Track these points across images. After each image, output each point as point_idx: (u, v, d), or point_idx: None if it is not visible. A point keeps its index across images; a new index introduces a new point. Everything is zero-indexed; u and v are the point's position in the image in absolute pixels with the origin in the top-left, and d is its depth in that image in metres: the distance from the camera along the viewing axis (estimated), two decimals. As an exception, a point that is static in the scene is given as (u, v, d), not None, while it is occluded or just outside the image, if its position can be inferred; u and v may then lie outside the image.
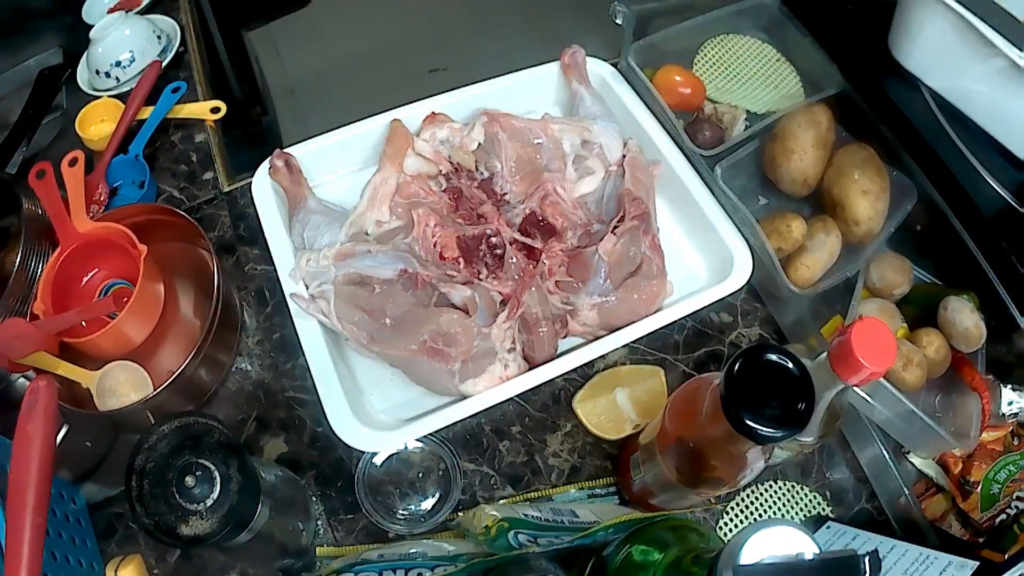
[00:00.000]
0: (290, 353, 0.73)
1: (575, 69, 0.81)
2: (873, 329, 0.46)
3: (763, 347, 0.44)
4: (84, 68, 0.91)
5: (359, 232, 0.71)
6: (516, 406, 0.71)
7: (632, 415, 0.69)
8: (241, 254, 0.79)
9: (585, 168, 0.75)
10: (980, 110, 0.74)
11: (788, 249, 0.72)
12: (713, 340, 0.76)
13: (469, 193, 0.74)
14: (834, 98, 0.78)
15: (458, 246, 0.69)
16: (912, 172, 0.74)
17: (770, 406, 0.43)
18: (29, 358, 0.64)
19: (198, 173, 0.85)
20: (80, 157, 0.74)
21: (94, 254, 0.72)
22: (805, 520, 0.68)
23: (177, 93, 0.87)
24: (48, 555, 0.54)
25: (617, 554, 0.51)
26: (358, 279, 0.67)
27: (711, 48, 0.91)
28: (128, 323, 0.66)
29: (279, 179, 0.73)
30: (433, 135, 0.75)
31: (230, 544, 0.50)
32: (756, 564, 0.35)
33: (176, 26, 0.94)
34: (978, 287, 0.70)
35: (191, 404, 0.69)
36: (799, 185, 0.76)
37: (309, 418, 0.70)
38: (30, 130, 0.86)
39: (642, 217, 0.71)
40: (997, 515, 0.67)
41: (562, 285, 0.69)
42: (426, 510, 0.65)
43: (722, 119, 0.85)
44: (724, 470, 0.51)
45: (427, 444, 0.67)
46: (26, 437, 0.51)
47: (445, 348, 0.63)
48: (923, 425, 0.64)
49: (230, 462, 0.48)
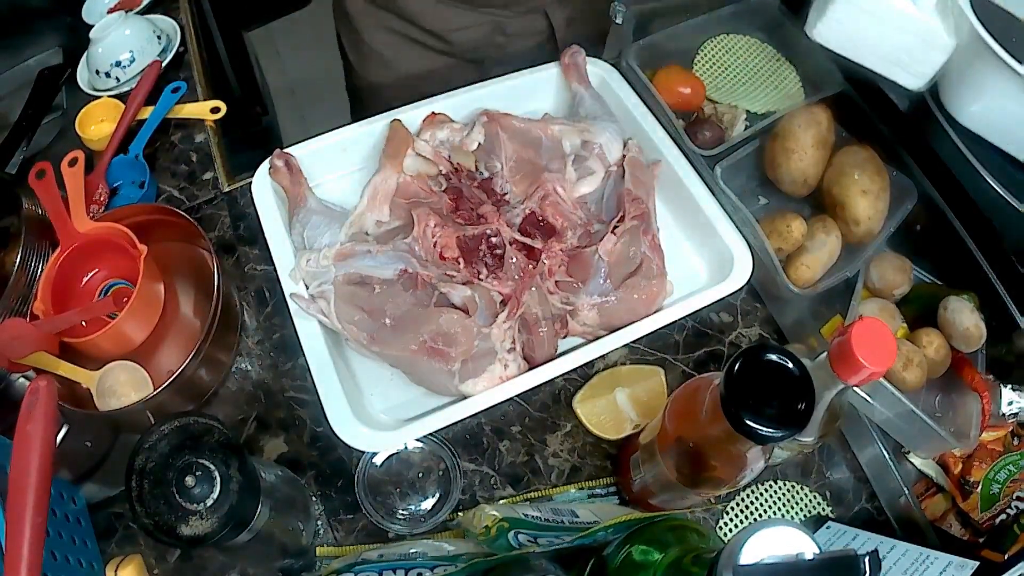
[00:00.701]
0: (290, 353, 0.73)
1: (575, 69, 0.81)
2: (873, 329, 0.46)
3: (763, 347, 0.44)
4: (84, 68, 0.91)
5: (359, 232, 0.71)
6: (516, 406, 0.71)
7: (632, 415, 0.69)
8: (241, 254, 0.79)
9: (585, 168, 0.75)
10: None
11: (788, 249, 0.73)
12: (713, 340, 0.76)
13: (469, 193, 0.74)
14: (834, 98, 0.78)
15: (458, 246, 0.69)
16: (912, 172, 0.74)
17: (770, 406, 0.43)
18: (29, 358, 0.64)
19: (198, 173, 0.85)
20: (80, 157, 0.74)
21: (94, 254, 0.72)
22: (805, 520, 0.68)
23: (177, 93, 0.87)
24: (48, 555, 0.54)
25: (617, 554, 0.51)
26: (358, 279, 0.67)
27: (711, 48, 0.91)
28: (128, 323, 0.66)
29: (279, 179, 0.73)
30: (433, 135, 0.75)
31: (230, 544, 0.50)
32: (756, 564, 0.35)
33: (176, 26, 0.94)
34: (978, 287, 0.70)
35: (191, 404, 0.69)
36: (799, 185, 0.76)
37: (309, 418, 0.70)
38: (30, 130, 0.85)
39: (642, 217, 0.71)
40: (997, 515, 0.67)
41: (562, 285, 0.69)
42: (426, 510, 0.65)
43: (722, 119, 0.85)
44: (724, 470, 0.51)
45: (427, 444, 0.67)
46: (26, 437, 0.51)
47: (445, 348, 0.63)
48: (923, 425, 0.64)
49: (230, 462, 0.48)
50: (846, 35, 0.72)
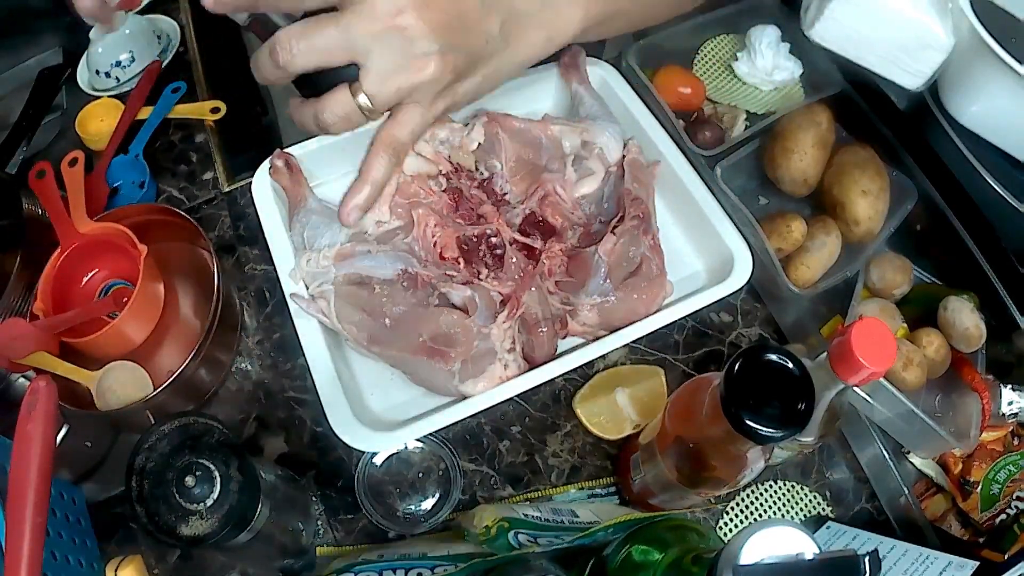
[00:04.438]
0: (290, 353, 0.73)
1: (575, 70, 0.81)
2: (873, 329, 0.46)
3: (763, 347, 0.44)
4: (84, 68, 0.91)
5: (359, 232, 0.71)
6: (516, 406, 0.71)
7: (632, 415, 0.70)
8: (241, 254, 0.79)
9: (585, 168, 0.75)
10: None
11: (788, 249, 0.73)
12: (713, 340, 0.76)
13: (469, 193, 0.74)
14: (834, 98, 0.78)
15: (458, 246, 0.69)
16: (912, 172, 0.74)
17: (770, 406, 0.43)
18: (29, 358, 0.64)
19: (198, 173, 0.85)
20: (80, 157, 0.74)
21: (94, 254, 0.72)
22: (805, 520, 0.68)
23: (177, 93, 0.87)
24: (48, 555, 0.54)
25: (617, 554, 0.51)
26: (358, 279, 0.67)
27: (711, 48, 0.91)
28: (128, 323, 0.66)
29: (279, 179, 0.73)
30: (433, 135, 0.75)
31: (230, 544, 0.50)
32: (756, 564, 0.35)
33: (176, 26, 0.94)
34: (978, 287, 0.70)
35: (191, 404, 0.69)
36: (799, 185, 0.76)
37: (309, 418, 0.70)
38: (30, 130, 0.86)
39: (642, 217, 0.71)
40: (997, 515, 0.67)
41: (562, 285, 0.69)
42: (426, 510, 0.65)
43: (722, 119, 0.85)
44: (724, 470, 0.51)
45: (427, 444, 0.67)
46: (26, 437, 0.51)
47: (445, 348, 0.63)
48: (923, 425, 0.64)
49: (230, 462, 0.48)
50: (844, 34, 0.72)
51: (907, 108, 0.77)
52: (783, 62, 0.86)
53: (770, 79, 0.86)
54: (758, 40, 0.86)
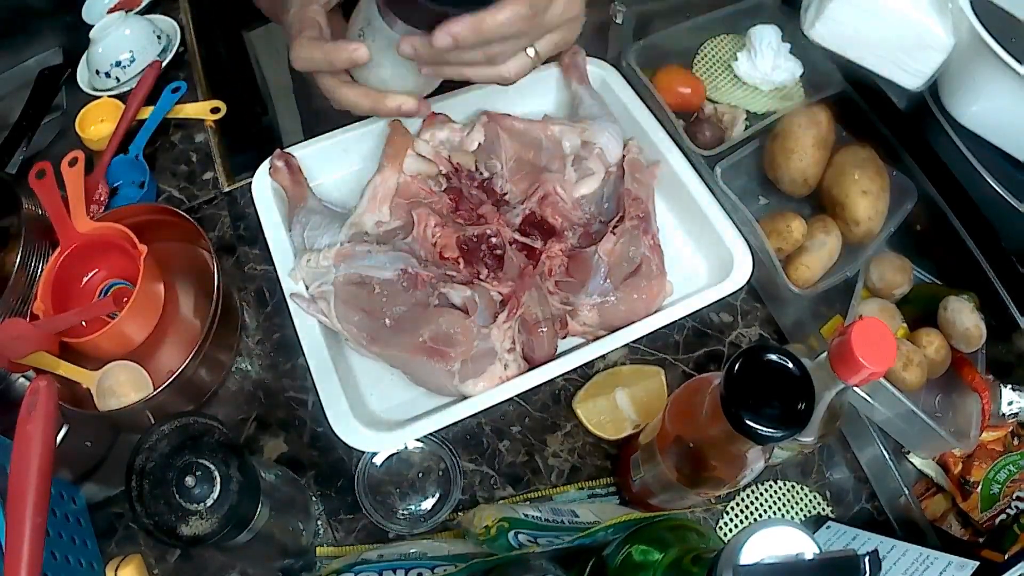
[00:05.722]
0: (290, 353, 0.73)
1: (575, 70, 0.81)
2: (873, 329, 0.46)
3: (763, 347, 0.44)
4: (84, 68, 0.91)
5: (359, 232, 0.71)
6: (516, 406, 0.71)
7: (632, 415, 0.70)
8: (241, 254, 0.79)
9: (585, 168, 0.75)
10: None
11: (788, 249, 0.73)
12: (713, 340, 0.76)
13: (469, 193, 0.74)
14: (834, 98, 0.78)
15: (458, 246, 0.69)
16: (912, 172, 0.74)
17: (770, 406, 0.43)
18: (29, 358, 0.64)
19: (198, 173, 0.85)
20: (80, 157, 0.74)
21: (94, 254, 0.72)
22: (805, 520, 0.68)
23: (177, 93, 0.87)
24: (48, 555, 0.54)
25: (617, 554, 0.51)
26: (358, 279, 0.67)
27: (711, 48, 0.91)
28: (128, 323, 0.66)
29: (279, 179, 0.73)
30: (433, 135, 0.75)
31: (230, 544, 0.50)
32: (756, 564, 0.35)
33: (176, 26, 0.94)
34: (978, 287, 0.70)
35: (191, 404, 0.69)
36: (799, 185, 0.76)
37: (309, 418, 0.70)
38: (30, 130, 0.86)
39: (642, 217, 0.71)
40: (997, 515, 0.67)
41: (562, 285, 0.69)
42: (426, 510, 0.65)
43: (722, 119, 0.85)
44: (724, 470, 0.51)
45: (427, 444, 0.67)
46: (26, 437, 0.51)
47: (445, 348, 0.63)
48: (923, 425, 0.64)
49: (230, 462, 0.48)
50: (844, 34, 0.73)
51: (907, 108, 0.77)
52: (783, 62, 0.86)
53: (770, 79, 0.86)
54: (758, 40, 0.86)
